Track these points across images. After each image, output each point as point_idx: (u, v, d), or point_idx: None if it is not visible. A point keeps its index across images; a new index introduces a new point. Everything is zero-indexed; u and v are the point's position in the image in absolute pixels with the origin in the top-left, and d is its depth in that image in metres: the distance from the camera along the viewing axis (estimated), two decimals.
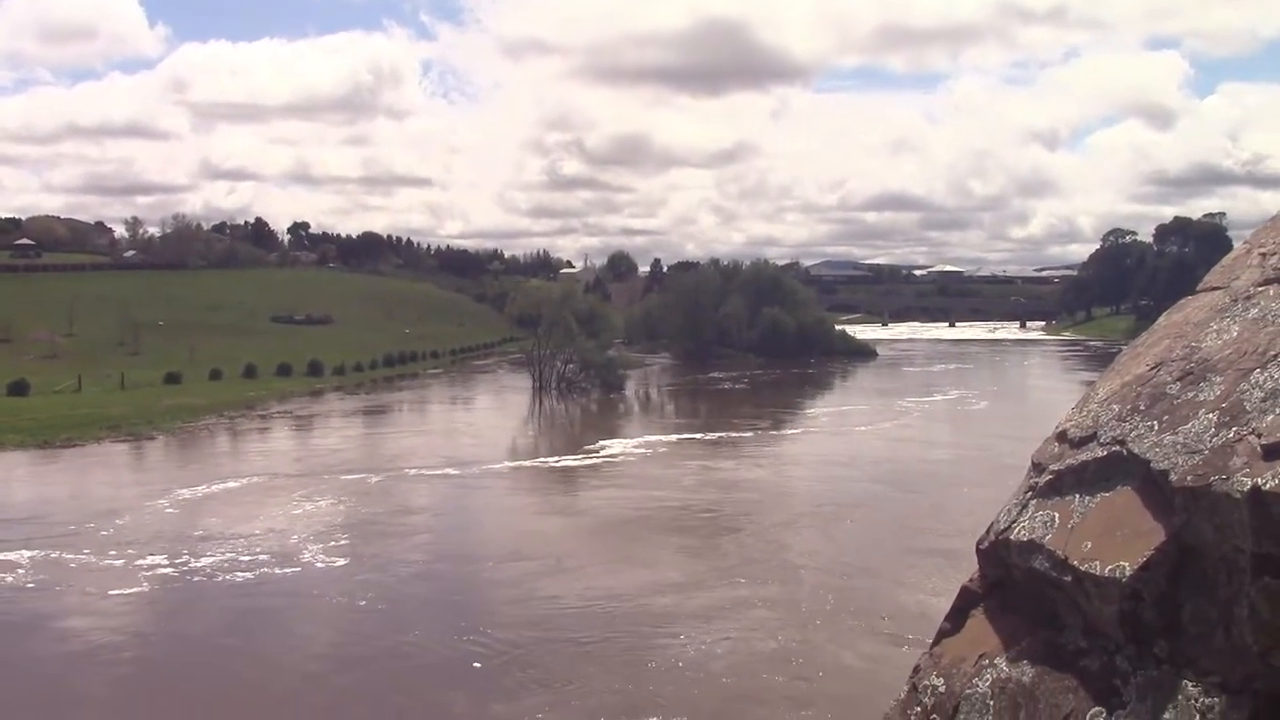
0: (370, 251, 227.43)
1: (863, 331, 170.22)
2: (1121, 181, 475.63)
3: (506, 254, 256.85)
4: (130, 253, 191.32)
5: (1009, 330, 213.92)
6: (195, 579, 32.84)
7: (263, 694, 23.56)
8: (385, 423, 76.07)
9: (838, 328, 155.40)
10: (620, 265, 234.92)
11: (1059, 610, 3.71)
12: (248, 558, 35.01)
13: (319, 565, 34.31)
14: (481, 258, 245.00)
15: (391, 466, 53.67)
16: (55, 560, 34.49)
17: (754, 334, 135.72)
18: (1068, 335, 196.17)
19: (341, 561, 34.58)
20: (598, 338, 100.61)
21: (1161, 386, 3.76)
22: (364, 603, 30.15)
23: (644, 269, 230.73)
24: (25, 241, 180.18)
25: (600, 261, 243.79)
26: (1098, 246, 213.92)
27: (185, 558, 34.90)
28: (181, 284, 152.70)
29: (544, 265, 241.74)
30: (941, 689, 3.90)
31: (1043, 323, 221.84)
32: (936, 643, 4.16)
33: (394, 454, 58.50)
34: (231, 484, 48.53)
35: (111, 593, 31.32)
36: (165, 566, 34.12)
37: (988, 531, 4.09)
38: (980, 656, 3.85)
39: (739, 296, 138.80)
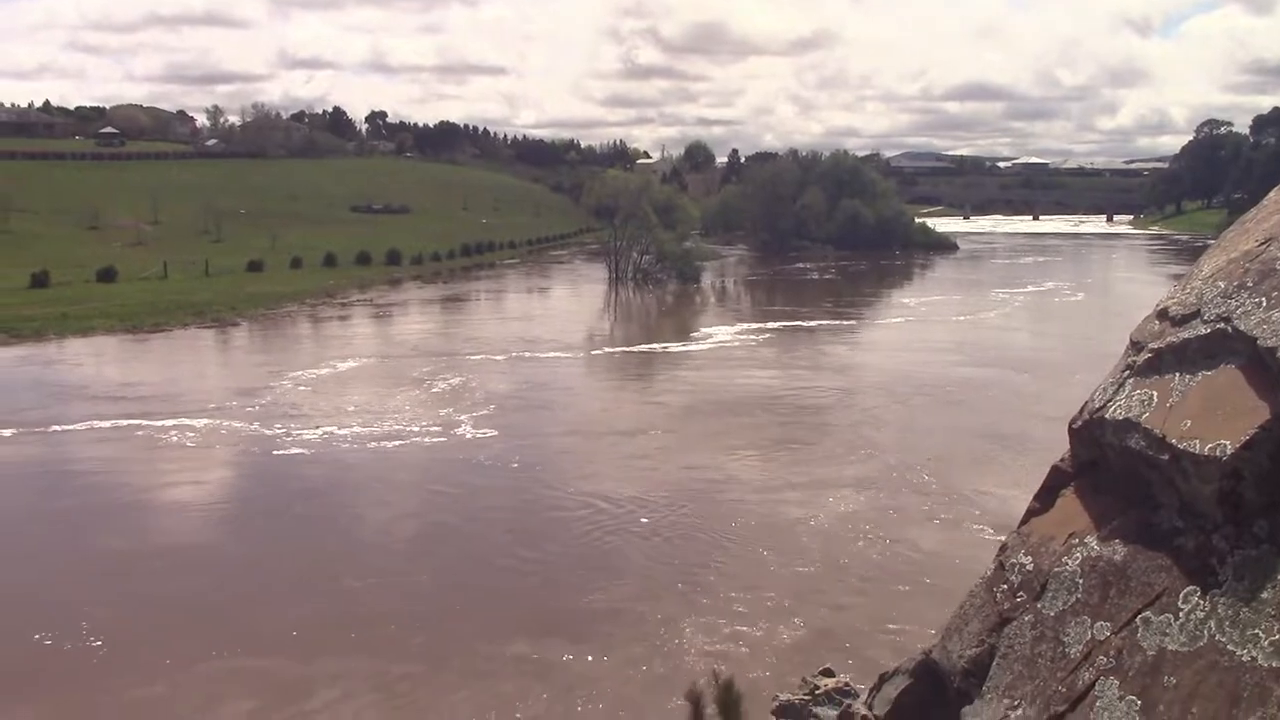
0: (446, 141, 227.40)
1: (943, 224, 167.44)
2: (1217, 70, 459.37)
3: (582, 144, 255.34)
4: (212, 142, 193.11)
5: (1095, 224, 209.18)
6: (361, 444, 35.83)
7: (459, 531, 27.54)
8: (469, 311, 77.24)
9: (917, 220, 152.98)
10: (697, 156, 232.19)
11: (1153, 489, 3.66)
12: (399, 428, 37.92)
13: (469, 435, 37.19)
14: (557, 148, 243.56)
15: (491, 350, 55.83)
16: (223, 428, 37.79)
17: (832, 226, 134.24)
18: (1156, 229, 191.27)
19: (492, 432, 37.52)
20: (675, 229, 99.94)
21: (1271, 262, 3.63)
22: (517, 465, 33.53)
23: (721, 160, 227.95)
24: (110, 130, 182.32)
25: (677, 152, 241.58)
26: (1190, 138, 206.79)
27: (342, 428, 37.84)
28: (262, 173, 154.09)
29: (620, 156, 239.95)
30: (1029, 567, 3.88)
31: (1130, 217, 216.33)
32: (1025, 522, 4.14)
33: (487, 339, 60.40)
34: (349, 364, 51.20)
35: (281, 453, 34.77)
36: (329, 433, 37.15)
37: (1081, 410, 4.02)
38: (1070, 535, 3.83)
39: (817, 188, 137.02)
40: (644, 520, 27.69)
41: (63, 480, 31.84)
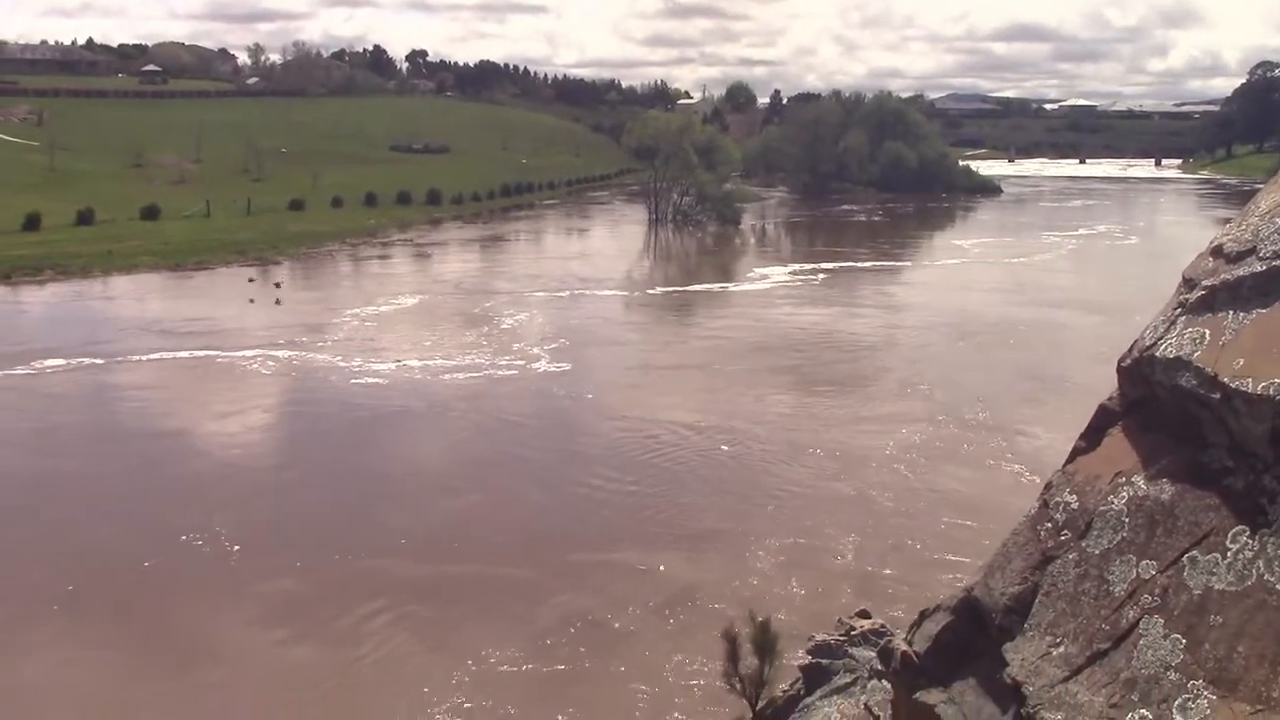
0: (487, 80, 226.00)
1: (987, 167, 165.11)
2: (1272, 11, 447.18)
3: (623, 84, 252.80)
4: (253, 80, 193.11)
5: (1143, 168, 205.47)
6: (434, 375, 37.53)
7: (551, 454, 29.21)
8: (513, 251, 77.72)
9: (961, 163, 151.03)
10: (739, 96, 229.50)
11: (1203, 428, 3.61)
12: (471, 361, 39.53)
13: (541, 369, 38.83)
14: (598, 88, 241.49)
15: (545, 288, 57.08)
16: (301, 358, 39.71)
17: (874, 169, 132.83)
18: (1205, 174, 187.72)
19: (564, 365, 39.09)
20: (715, 170, 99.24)
21: None
22: (592, 396, 35.35)
23: (763, 101, 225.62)
24: (152, 68, 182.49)
25: (718, 93, 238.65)
26: (1243, 80, 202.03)
27: (415, 360, 39.51)
28: (303, 111, 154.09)
29: (661, 96, 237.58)
30: (1074, 505, 3.86)
31: (1179, 161, 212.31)
32: (1070, 460, 4.11)
33: (538, 277, 61.29)
34: (409, 300, 52.62)
35: (358, 382, 36.55)
36: (402, 365, 38.89)
37: (1131, 348, 3.97)
38: (1116, 474, 3.79)
39: (860, 130, 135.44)
40: (724, 448, 29.18)
41: (170, 404, 34.15)
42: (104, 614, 19.47)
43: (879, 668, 13.53)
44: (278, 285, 56.62)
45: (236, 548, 22.08)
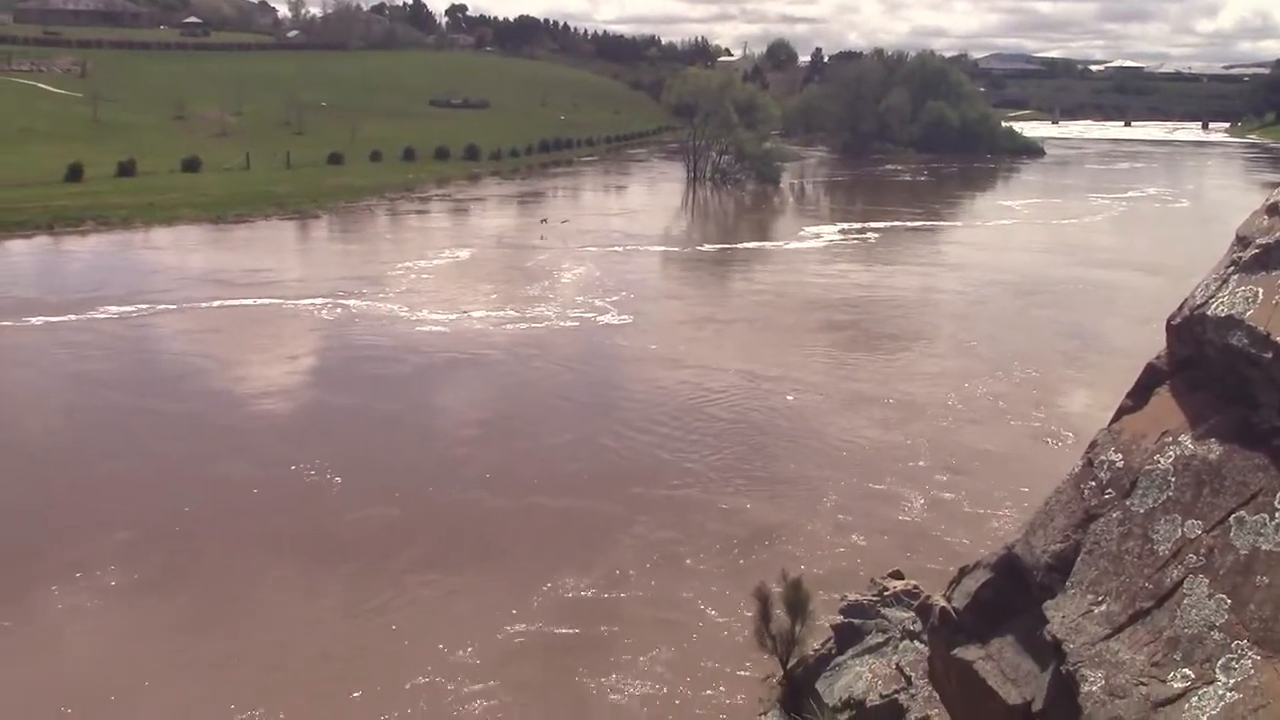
0: (526, 35, 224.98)
1: (1031, 129, 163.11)
2: None
3: (663, 40, 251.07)
4: (293, 33, 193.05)
5: (1189, 131, 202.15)
6: (497, 326, 38.29)
7: (623, 399, 30.09)
8: (554, 207, 77.38)
9: (1004, 124, 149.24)
10: (779, 54, 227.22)
11: (1254, 388, 3.57)
12: (533, 312, 40.08)
13: (602, 321, 39.34)
14: (638, 44, 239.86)
15: (595, 243, 57.24)
16: (364, 307, 40.54)
17: (915, 129, 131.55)
18: (1254, 138, 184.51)
19: (626, 318, 39.75)
20: (755, 129, 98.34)
21: None
22: (655, 347, 35.99)
23: (804, 59, 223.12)
24: (193, 20, 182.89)
25: (759, 50, 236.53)
26: None
27: (475, 311, 40.33)
28: (342, 65, 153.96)
29: (701, 53, 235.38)
30: (1119, 464, 3.83)
31: (1227, 124, 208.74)
32: (1116, 419, 4.07)
33: (583, 233, 61.28)
34: (461, 254, 52.89)
35: (424, 330, 37.42)
36: (465, 314, 39.75)
37: (1181, 307, 3.92)
38: (1163, 434, 3.76)
39: (902, 89, 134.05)
40: (789, 398, 29.97)
41: (250, 349, 35.01)
42: (222, 531, 20.91)
43: (911, 628, 13.57)
44: (543, 221, 62.74)
45: (338, 478, 23.29)
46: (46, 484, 23.07)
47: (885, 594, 14.84)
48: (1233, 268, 3.69)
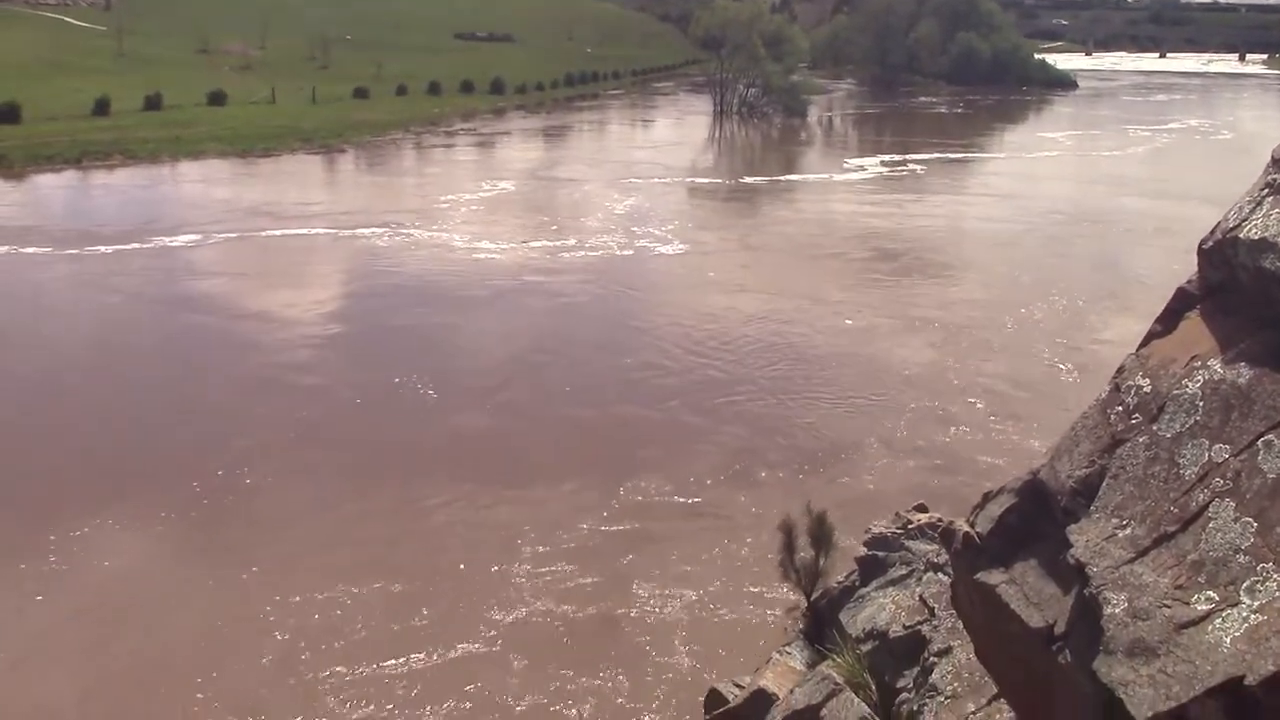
0: None
1: (1064, 61, 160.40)
2: None
3: None
4: None
5: (1226, 63, 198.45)
6: (554, 255, 39.05)
7: (680, 326, 30.80)
8: (585, 141, 77.57)
9: (1036, 56, 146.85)
10: None
11: None
12: (589, 240, 41.05)
13: (656, 250, 40.28)
14: None
15: (636, 175, 57.47)
16: (421, 236, 41.38)
17: (945, 61, 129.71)
18: None
19: (682, 246, 40.63)
20: (782, 61, 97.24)
21: None
22: (714, 274, 36.92)
23: None
24: None
25: None
26: None
27: (530, 241, 41.12)
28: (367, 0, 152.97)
29: None
30: (1147, 389, 3.80)
31: (1265, 56, 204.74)
32: (1144, 344, 4.03)
33: (623, 164, 61.44)
34: (505, 185, 53.35)
35: (482, 258, 38.28)
36: (524, 243, 40.66)
37: (1213, 231, 3.86)
38: (1192, 358, 3.72)
39: (932, 20, 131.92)
40: (848, 321, 31.38)
41: (325, 275, 35.96)
42: (337, 441, 22.63)
43: (935, 560, 13.60)
44: None
45: (433, 393, 24.90)
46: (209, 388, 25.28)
47: (909, 526, 14.86)
48: (1267, 190, 3.63)
